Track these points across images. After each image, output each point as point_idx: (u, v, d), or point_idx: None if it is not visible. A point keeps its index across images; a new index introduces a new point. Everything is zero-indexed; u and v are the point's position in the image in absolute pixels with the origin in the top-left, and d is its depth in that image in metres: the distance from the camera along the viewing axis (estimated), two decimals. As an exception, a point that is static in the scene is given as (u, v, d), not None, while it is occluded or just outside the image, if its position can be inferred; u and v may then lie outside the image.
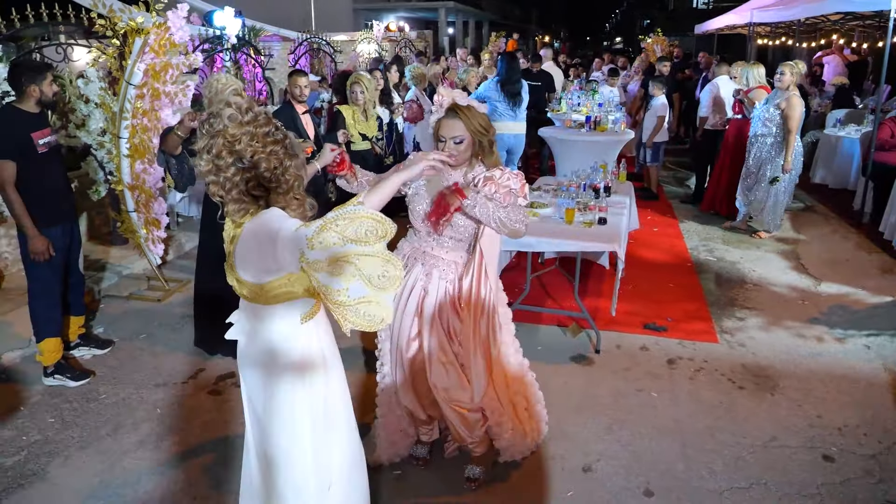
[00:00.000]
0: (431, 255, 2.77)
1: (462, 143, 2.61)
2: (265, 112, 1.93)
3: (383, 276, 1.66)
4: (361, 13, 22.18)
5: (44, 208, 3.77)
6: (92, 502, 2.95)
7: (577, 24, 63.65)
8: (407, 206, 2.79)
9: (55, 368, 3.94)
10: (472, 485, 2.98)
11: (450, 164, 2.60)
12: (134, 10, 4.76)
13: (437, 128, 2.65)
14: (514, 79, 6.68)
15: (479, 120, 2.63)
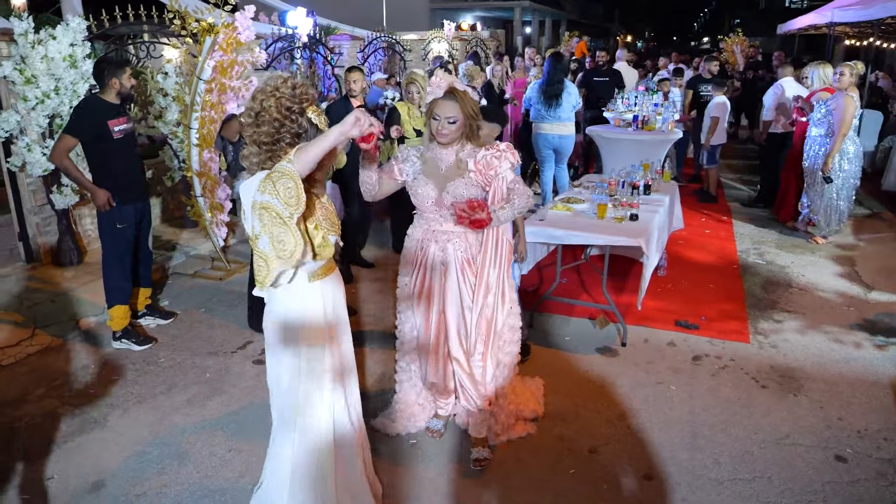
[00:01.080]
0: (442, 231, 2.99)
1: (455, 123, 2.84)
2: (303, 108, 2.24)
3: (280, 241, 2.02)
4: (438, 12, 22.51)
5: (118, 188, 4.22)
6: (143, 448, 3.33)
7: (663, 23, 62.05)
8: (409, 194, 3.02)
9: (122, 333, 4.38)
10: (480, 465, 3.13)
11: (440, 143, 2.89)
12: (206, 11, 5.18)
13: (432, 107, 2.87)
14: (556, 79, 6.74)
15: (472, 105, 2.88)
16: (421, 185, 2.95)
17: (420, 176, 2.97)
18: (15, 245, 5.76)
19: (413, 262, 3.10)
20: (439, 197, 2.94)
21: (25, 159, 5.13)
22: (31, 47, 4.88)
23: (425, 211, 3.01)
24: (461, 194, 2.87)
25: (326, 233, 2.35)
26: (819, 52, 14.05)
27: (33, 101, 4.94)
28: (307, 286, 2.38)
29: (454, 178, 2.92)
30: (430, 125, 2.90)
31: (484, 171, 2.88)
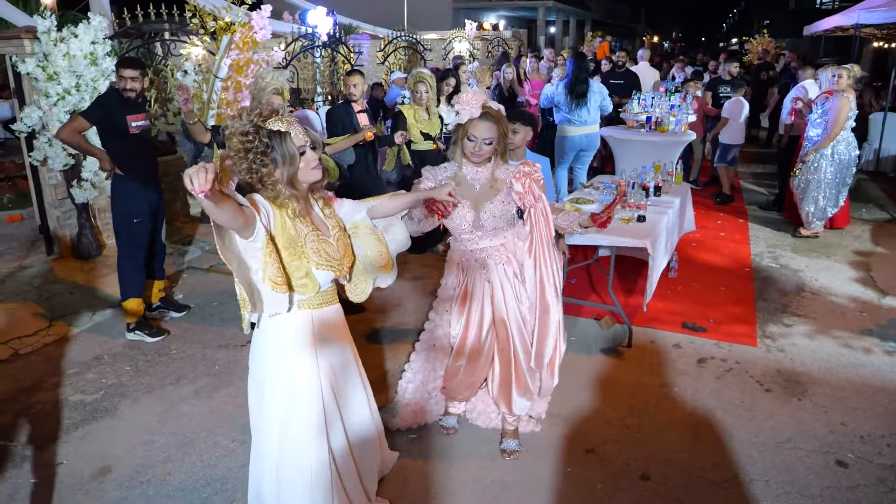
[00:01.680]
0: (479, 249, 2.99)
1: (491, 144, 2.88)
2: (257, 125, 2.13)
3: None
4: (461, 11, 22.54)
5: (133, 180, 4.32)
6: (150, 436, 3.41)
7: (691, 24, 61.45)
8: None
9: (136, 325, 4.49)
10: (510, 456, 3.20)
11: (474, 162, 2.93)
12: (224, 9, 5.27)
13: (468, 127, 2.86)
14: (581, 79, 6.71)
15: (504, 124, 2.93)
16: (457, 209, 2.88)
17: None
18: (36, 237, 5.92)
19: (454, 286, 3.14)
20: (476, 218, 2.94)
21: (47, 154, 5.27)
22: (53, 45, 5.01)
23: (462, 233, 2.99)
24: (499, 213, 2.92)
25: (316, 267, 2.25)
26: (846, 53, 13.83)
27: (55, 98, 5.07)
28: (291, 316, 2.30)
29: (490, 197, 2.94)
30: (465, 146, 2.89)
31: (527, 193, 2.90)
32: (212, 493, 2.99)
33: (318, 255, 2.25)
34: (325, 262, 2.26)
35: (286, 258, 2.21)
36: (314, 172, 2.25)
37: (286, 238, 2.21)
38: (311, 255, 2.24)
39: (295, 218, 2.23)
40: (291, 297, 2.26)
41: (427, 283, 5.44)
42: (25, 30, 5.12)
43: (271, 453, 2.39)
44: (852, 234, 6.82)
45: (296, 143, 2.19)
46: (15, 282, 5.22)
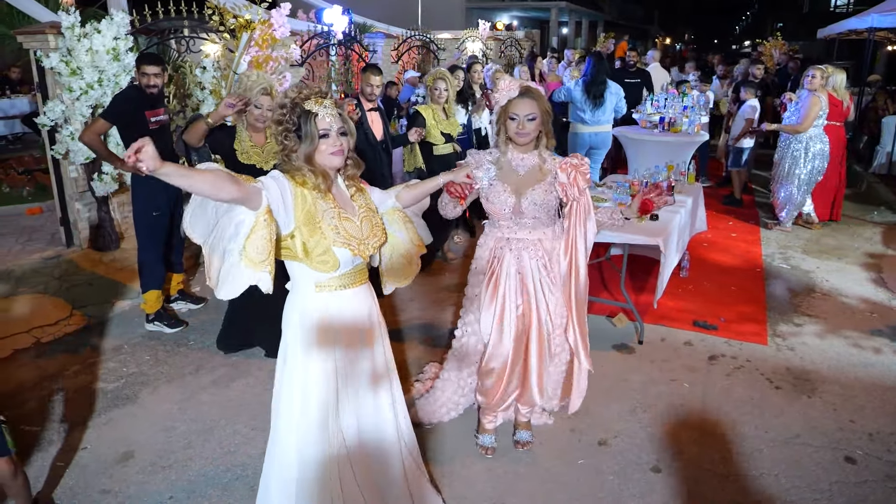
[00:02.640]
0: (516, 239, 2.96)
1: (535, 120, 2.81)
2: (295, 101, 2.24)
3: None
4: (474, 11, 22.59)
5: (151, 176, 4.40)
6: (170, 423, 3.50)
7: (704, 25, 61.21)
8: (481, 201, 2.99)
9: (155, 316, 4.58)
10: (523, 447, 3.25)
11: (520, 144, 2.86)
12: (244, 7, 5.36)
13: (508, 107, 2.83)
14: (600, 80, 6.75)
15: (546, 103, 2.86)
16: (497, 192, 2.89)
17: (496, 182, 2.90)
18: (57, 230, 6.01)
19: (485, 271, 3.06)
20: (517, 204, 2.89)
21: (69, 147, 5.35)
22: (77, 40, 5.09)
23: (500, 219, 2.97)
24: (541, 201, 2.87)
25: (333, 244, 2.26)
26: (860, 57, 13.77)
27: (78, 92, 5.16)
28: (313, 296, 2.34)
29: (532, 183, 2.88)
30: (508, 127, 2.86)
31: (572, 184, 2.83)
32: (232, 478, 3.07)
33: (335, 231, 2.26)
34: (342, 239, 2.26)
35: (305, 234, 2.23)
36: (332, 158, 2.27)
37: (305, 213, 2.24)
38: (327, 232, 2.25)
39: (315, 194, 2.27)
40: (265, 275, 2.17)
41: (436, 280, 5.51)
42: (50, 25, 5.21)
43: (275, 433, 2.45)
44: (863, 236, 6.84)
45: (320, 125, 2.24)
46: (36, 273, 5.32)
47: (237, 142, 3.90)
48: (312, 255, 2.24)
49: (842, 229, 7.03)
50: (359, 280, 2.42)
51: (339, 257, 2.27)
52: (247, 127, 3.92)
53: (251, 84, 3.83)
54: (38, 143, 9.62)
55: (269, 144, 3.94)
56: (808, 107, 6.38)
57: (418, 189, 2.64)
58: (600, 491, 3.00)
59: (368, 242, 2.35)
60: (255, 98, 3.81)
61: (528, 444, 3.27)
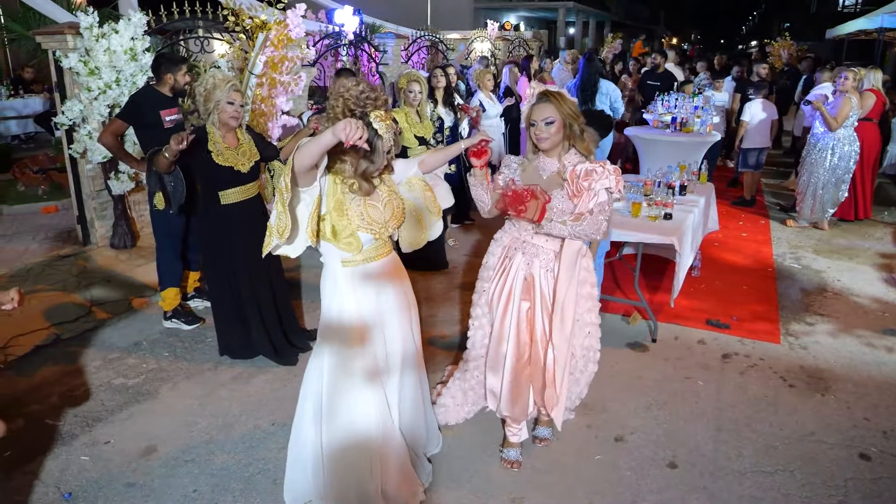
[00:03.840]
0: (532, 245, 2.93)
1: (553, 124, 2.77)
2: (365, 112, 2.41)
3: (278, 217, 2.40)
4: (482, 12, 22.63)
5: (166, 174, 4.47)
6: (192, 418, 3.55)
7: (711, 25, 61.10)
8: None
9: (173, 313, 4.63)
10: (542, 443, 3.29)
11: (542, 149, 2.85)
12: (259, 8, 5.41)
13: (529, 114, 2.83)
14: (591, 81, 6.77)
15: (569, 105, 2.80)
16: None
17: (519, 182, 2.90)
18: (73, 228, 6.08)
19: (496, 267, 3.05)
20: None
21: (87, 146, 5.42)
22: (95, 40, 5.15)
23: (520, 218, 2.90)
24: (561, 207, 2.80)
25: (357, 229, 2.49)
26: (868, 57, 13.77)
27: (96, 92, 5.22)
28: (340, 270, 2.57)
29: (554, 187, 2.84)
30: (530, 133, 2.86)
31: (576, 181, 2.74)
32: (255, 472, 3.11)
33: (360, 218, 2.50)
34: (366, 225, 2.50)
35: (335, 218, 2.49)
36: (379, 169, 2.54)
37: (335, 201, 2.49)
38: (353, 218, 2.48)
39: (344, 185, 2.50)
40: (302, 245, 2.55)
41: (445, 280, 5.55)
42: (68, 25, 5.27)
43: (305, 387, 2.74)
44: (874, 236, 6.85)
45: (384, 147, 2.47)
46: (54, 270, 5.38)
47: (211, 143, 3.76)
48: (340, 237, 2.51)
49: (852, 229, 7.05)
50: (383, 253, 2.65)
51: (362, 240, 2.53)
52: (218, 128, 3.79)
53: (217, 83, 3.68)
54: (51, 142, 9.71)
55: (243, 146, 3.87)
56: (840, 107, 6.43)
57: (441, 154, 2.91)
58: (618, 486, 3.04)
59: (389, 224, 2.60)
60: (226, 95, 3.68)
61: (545, 441, 3.31)
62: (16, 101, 10.64)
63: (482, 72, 7.52)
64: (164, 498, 2.96)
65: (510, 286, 2.99)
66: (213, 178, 3.81)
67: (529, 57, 9.90)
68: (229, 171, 3.79)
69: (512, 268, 2.99)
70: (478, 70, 7.78)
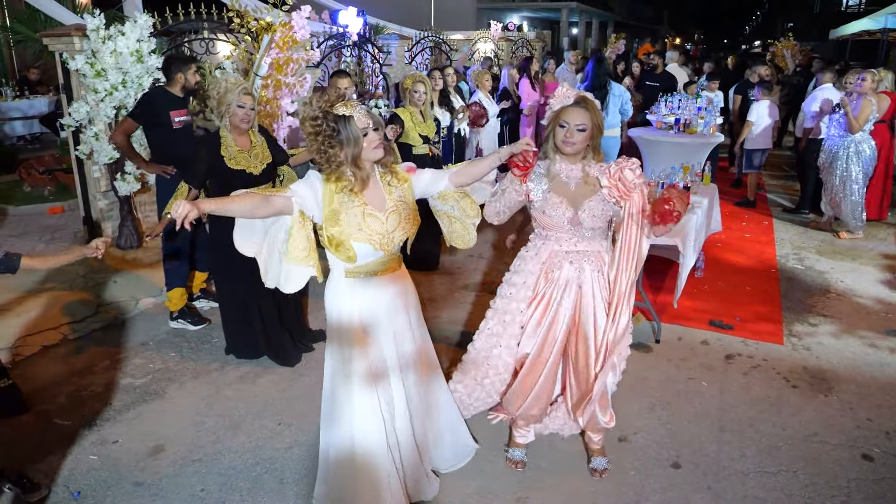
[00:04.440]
0: (577, 252, 2.87)
1: (584, 131, 2.74)
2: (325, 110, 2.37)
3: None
4: (485, 12, 22.65)
5: (176, 176, 4.52)
6: (199, 418, 3.58)
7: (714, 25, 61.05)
8: (532, 213, 2.93)
9: (179, 314, 4.67)
10: (602, 475, 3.10)
11: (565, 153, 2.80)
12: (264, 10, 5.44)
13: (560, 114, 2.78)
14: (601, 83, 6.79)
15: (599, 116, 2.81)
16: (553, 205, 2.82)
17: (549, 195, 2.83)
18: (79, 228, 6.12)
19: (532, 287, 2.95)
20: (575, 216, 2.81)
21: (93, 147, 5.45)
22: (101, 42, 5.18)
23: (557, 231, 2.87)
24: (599, 212, 2.80)
25: (351, 238, 2.42)
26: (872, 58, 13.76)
27: (102, 93, 5.25)
28: (343, 280, 2.56)
29: (588, 195, 2.80)
30: (556, 134, 2.80)
31: (620, 185, 2.69)
32: (262, 471, 3.14)
33: (357, 228, 2.43)
34: (364, 235, 2.44)
35: (330, 229, 2.43)
36: (376, 151, 2.45)
37: (331, 211, 2.43)
38: (349, 228, 2.43)
39: (343, 193, 2.44)
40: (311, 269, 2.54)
41: (452, 280, 5.58)
42: (75, 27, 5.31)
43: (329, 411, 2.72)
44: (877, 237, 6.86)
45: (359, 125, 2.39)
46: (60, 270, 5.40)
47: (223, 147, 3.81)
48: (336, 247, 2.45)
49: (856, 230, 7.05)
50: (388, 269, 2.59)
51: (357, 250, 2.46)
52: (230, 131, 3.84)
53: (229, 87, 3.75)
54: (57, 142, 9.75)
55: (256, 149, 3.92)
56: (860, 109, 6.38)
57: (476, 168, 2.72)
58: (622, 486, 3.06)
59: (393, 236, 2.50)
60: (237, 98, 3.74)
61: (605, 472, 3.12)
62: (21, 101, 10.68)
63: (481, 73, 7.62)
64: (172, 497, 2.99)
65: (556, 304, 2.90)
66: (226, 181, 3.77)
67: (529, 58, 9.88)
68: (241, 175, 3.81)
69: (559, 281, 2.89)
70: (476, 71, 7.85)
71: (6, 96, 10.65)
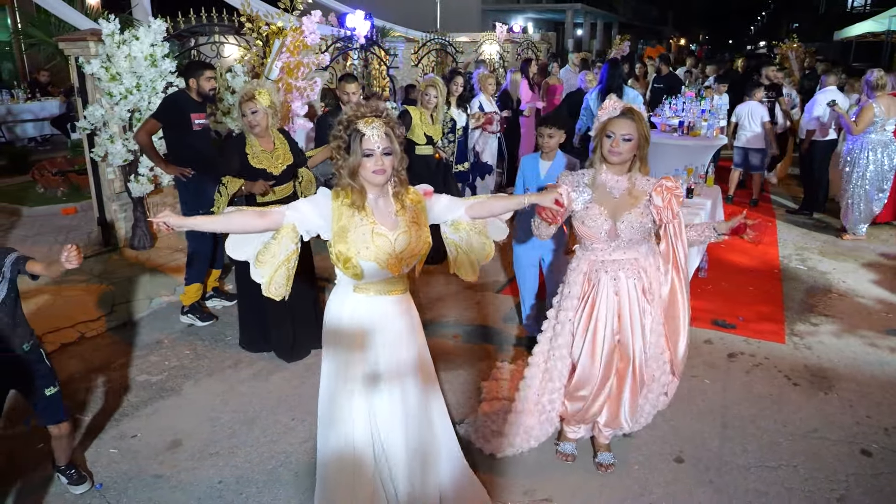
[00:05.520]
0: (612, 261, 2.93)
1: (630, 141, 2.78)
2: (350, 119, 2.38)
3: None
4: (490, 14, 22.74)
5: (194, 178, 4.65)
6: (214, 413, 3.68)
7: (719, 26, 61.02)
8: (573, 222, 2.97)
9: (189, 309, 4.80)
10: (607, 469, 3.20)
11: (611, 163, 2.83)
12: (275, 14, 5.55)
13: (607, 125, 2.83)
14: (614, 86, 6.87)
15: (646, 127, 2.84)
16: (593, 215, 2.87)
17: (591, 205, 2.87)
18: (93, 229, 6.24)
19: (579, 296, 3.03)
20: (613, 228, 2.86)
21: (108, 150, 5.57)
22: (116, 47, 5.30)
23: (595, 241, 2.93)
24: (637, 224, 2.85)
25: (358, 256, 2.39)
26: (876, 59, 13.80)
27: (117, 97, 5.37)
28: (350, 294, 2.53)
29: (629, 207, 2.85)
30: (602, 144, 2.84)
31: (667, 207, 2.77)
32: (277, 465, 3.24)
33: (365, 247, 2.39)
34: (371, 254, 2.39)
35: (338, 245, 2.40)
36: (374, 176, 2.38)
37: (339, 228, 2.40)
38: (356, 246, 2.38)
39: (351, 209, 2.42)
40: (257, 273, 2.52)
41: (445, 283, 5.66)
42: (91, 32, 5.43)
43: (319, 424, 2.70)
44: (879, 238, 6.94)
45: (365, 145, 2.35)
46: (76, 270, 5.49)
47: (248, 147, 4.04)
48: (343, 263, 2.42)
49: (859, 231, 7.13)
50: (396, 290, 2.56)
51: (364, 268, 2.41)
52: (249, 133, 4.07)
53: (241, 94, 4.02)
54: (67, 144, 9.89)
55: (277, 150, 4.12)
56: (861, 112, 6.56)
57: (496, 205, 2.67)
58: (626, 479, 3.16)
59: (402, 258, 2.46)
60: (241, 107, 3.98)
61: (610, 467, 3.21)
62: (32, 104, 10.84)
63: (486, 76, 7.73)
64: (191, 489, 3.09)
65: (598, 312, 2.97)
66: (249, 179, 4.02)
67: (528, 60, 9.93)
68: (262, 173, 4.04)
69: (599, 294, 2.96)
70: (482, 73, 7.95)
71: (18, 98, 10.79)
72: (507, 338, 4.63)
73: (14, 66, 13.23)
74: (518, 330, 4.71)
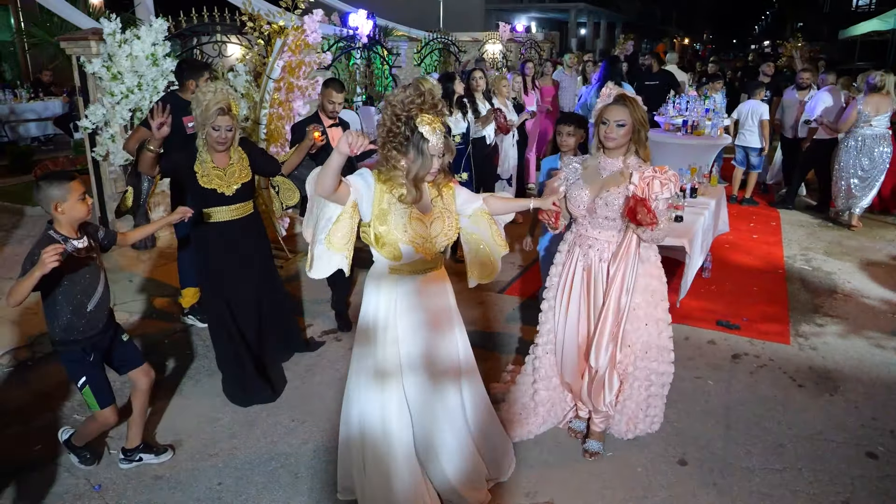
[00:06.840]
0: (587, 237, 3.10)
1: (623, 126, 2.92)
2: (410, 116, 2.39)
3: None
4: (493, 13, 22.70)
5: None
6: (214, 414, 3.66)
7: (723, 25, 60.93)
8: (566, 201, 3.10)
9: (189, 310, 4.77)
10: (591, 457, 3.26)
11: (608, 148, 2.98)
12: (277, 13, 5.53)
13: (602, 112, 2.97)
14: (615, 82, 6.81)
15: (641, 112, 2.96)
16: (577, 188, 3.04)
17: (578, 181, 3.06)
18: (95, 229, 6.22)
19: (562, 263, 3.23)
20: (591, 203, 3.00)
21: (109, 149, 5.56)
22: (118, 46, 5.29)
23: (577, 217, 3.11)
24: (613, 202, 2.94)
25: (398, 241, 2.49)
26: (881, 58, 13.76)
27: (118, 96, 5.36)
28: (385, 275, 2.62)
29: (610, 185, 2.96)
30: (598, 131, 2.99)
31: (646, 190, 2.78)
32: (277, 466, 3.22)
33: (403, 230, 2.50)
34: (408, 237, 2.50)
35: (377, 227, 2.50)
36: (430, 175, 2.51)
37: (380, 210, 2.50)
38: (395, 230, 2.49)
39: (393, 194, 2.51)
40: (343, 258, 2.61)
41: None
42: (92, 31, 5.42)
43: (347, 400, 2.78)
44: (885, 238, 6.89)
45: (430, 151, 2.43)
46: (77, 270, 5.51)
47: (198, 164, 3.55)
48: (381, 245, 2.53)
49: (863, 231, 7.09)
50: (431, 268, 2.67)
51: (402, 251, 2.53)
52: (207, 148, 3.54)
53: (208, 103, 3.36)
54: (70, 144, 9.89)
55: (233, 166, 3.61)
56: (849, 112, 6.85)
57: (506, 205, 2.91)
58: (630, 481, 3.13)
59: (436, 241, 2.59)
60: (211, 119, 3.38)
61: (595, 455, 3.27)
62: (35, 103, 10.83)
63: (498, 78, 7.49)
64: (190, 490, 3.07)
65: (570, 284, 3.17)
66: (198, 197, 3.61)
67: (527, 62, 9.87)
68: (212, 193, 3.58)
69: (572, 262, 3.16)
70: (495, 76, 7.76)
71: (21, 98, 10.80)
72: (511, 338, 4.60)
73: (17, 65, 13.24)
74: (521, 330, 4.68)
